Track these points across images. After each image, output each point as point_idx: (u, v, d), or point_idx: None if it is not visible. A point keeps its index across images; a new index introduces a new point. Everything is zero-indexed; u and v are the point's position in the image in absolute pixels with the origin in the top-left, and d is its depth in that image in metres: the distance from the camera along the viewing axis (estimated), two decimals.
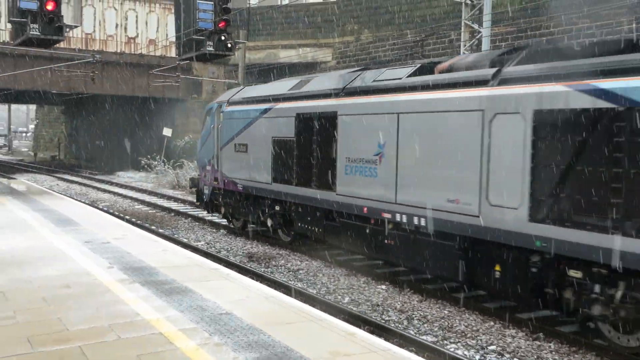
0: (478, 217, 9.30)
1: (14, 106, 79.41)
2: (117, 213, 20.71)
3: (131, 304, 7.33)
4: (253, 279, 10.12)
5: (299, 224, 14.07)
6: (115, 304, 7.32)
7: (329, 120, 12.64)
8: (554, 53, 9.13)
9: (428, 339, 8.84)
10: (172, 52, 31.03)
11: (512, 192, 8.75)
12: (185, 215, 20.54)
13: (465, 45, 21.14)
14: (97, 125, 46.65)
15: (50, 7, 15.19)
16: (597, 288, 8.09)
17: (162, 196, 26.04)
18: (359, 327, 7.92)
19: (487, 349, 8.55)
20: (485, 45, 20.26)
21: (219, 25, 17.53)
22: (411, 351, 7.60)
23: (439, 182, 10.01)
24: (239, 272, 10.24)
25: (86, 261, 9.68)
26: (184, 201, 24.00)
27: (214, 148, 17.53)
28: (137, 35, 32.47)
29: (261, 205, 15.53)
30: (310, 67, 32.99)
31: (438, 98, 10.09)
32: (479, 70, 9.92)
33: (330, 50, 32.28)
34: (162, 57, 31.88)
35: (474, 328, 9.33)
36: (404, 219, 10.71)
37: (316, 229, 13.45)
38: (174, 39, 24.36)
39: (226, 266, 10.75)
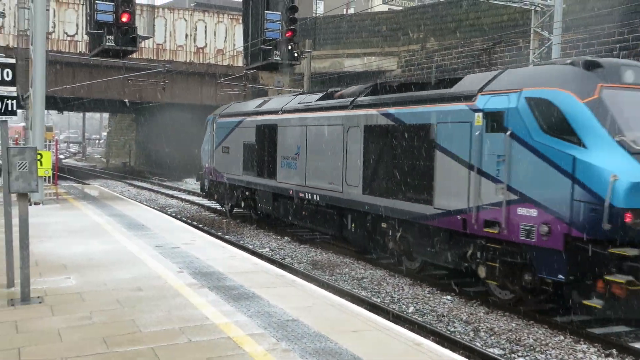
0: (342, 192, 14.49)
1: (88, 114, 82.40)
2: (185, 219, 21.20)
3: (201, 308, 7.50)
4: (318, 286, 10.17)
5: (259, 204, 19.27)
6: (186, 308, 7.51)
7: (274, 130, 17.90)
8: (383, 89, 13.86)
9: (495, 351, 8.69)
10: (240, 62, 31.59)
11: (355, 176, 13.94)
12: (250, 222, 20.84)
13: (534, 53, 20.74)
14: (166, 133, 47.89)
15: (124, 19, 15.76)
16: (390, 232, 13.14)
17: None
18: (425, 337, 7.85)
19: None
20: (556, 52, 19.82)
21: (286, 35, 17.81)
22: None
23: (325, 172, 15.19)
24: (304, 279, 10.32)
25: (157, 265, 9.96)
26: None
27: (210, 150, 22.97)
28: (205, 45, 33.20)
29: (238, 192, 20.82)
30: (375, 76, 32.99)
31: (323, 116, 15.43)
32: (345, 99, 14.88)
33: (396, 59, 32.22)
34: (230, 67, 32.49)
35: (543, 342, 9.12)
36: (310, 197, 15.88)
37: (269, 207, 18.57)
38: (241, 49, 24.87)
39: (291, 273, 10.84)
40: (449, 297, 11.57)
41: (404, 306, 11.12)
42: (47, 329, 6.62)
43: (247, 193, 20.05)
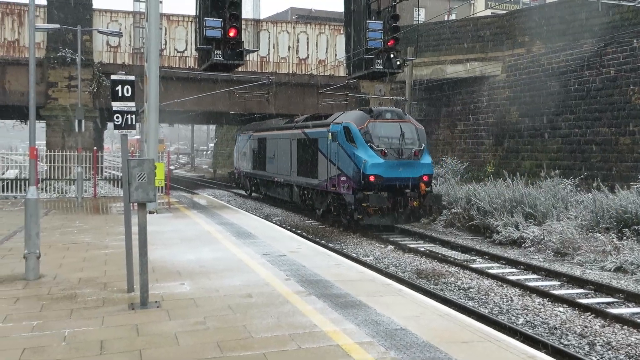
0: (290, 176, 25.32)
1: (196, 126, 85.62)
2: (289, 227, 21.57)
3: (309, 316, 7.61)
4: (425, 295, 10.06)
5: (260, 188, 31.70)
6: (294, 315, 7.64)
7: (265, 142, 29.36)
8: (310, 118, 24.82)
9: None
10: (341, 72, 31.87)
11: (295, 166, 24.85)
12: (354, 230, 20.94)
13: None
14: None
15: (232, 34, 16.30)
16: (307, 195, 24.32)
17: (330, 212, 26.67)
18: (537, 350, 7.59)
19: None
20: None
21: (388, 43, 17.81)
22: None
23: (285, 165, 26.02)
24: (411, 289, 10.24)
25: (265, 272, 10.20)
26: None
27: (236, 155, 36.29)
28: (307, 57, 33.72)
29: (250, 181, 33.29)
30: (477, 82, 32.33)
31: (284, 133, 26.46)
32: (293, 123, 25.96)
33: (500, 64, 31.44)
34: (331, 77, 32.81)
35: None
36: (279, 179, 26.97)
37: (264, 189, 30.67)
38: (342, 59, 25.05)
39: (397, 282, 10.78)
40: (561, 309, 11.15)
41: (513, 317, 10.82)
42: (165, 332, 6.93)
43: (255, 181, 32.30)
